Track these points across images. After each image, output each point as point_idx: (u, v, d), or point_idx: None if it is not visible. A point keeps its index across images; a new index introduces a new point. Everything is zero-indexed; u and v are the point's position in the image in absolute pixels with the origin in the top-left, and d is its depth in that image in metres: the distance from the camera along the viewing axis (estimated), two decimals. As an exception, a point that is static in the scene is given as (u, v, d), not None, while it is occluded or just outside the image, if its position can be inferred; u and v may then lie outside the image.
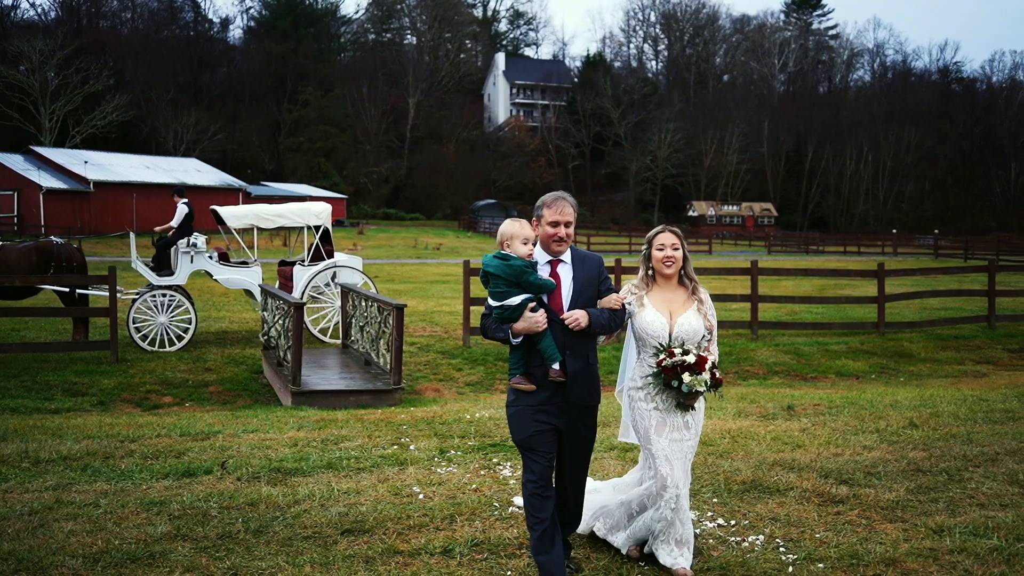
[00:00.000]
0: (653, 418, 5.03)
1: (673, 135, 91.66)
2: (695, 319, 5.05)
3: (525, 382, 4.83)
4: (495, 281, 4.81)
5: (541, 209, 4.95)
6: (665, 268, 5.10)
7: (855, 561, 5.18)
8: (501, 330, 4.82)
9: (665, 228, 5.22)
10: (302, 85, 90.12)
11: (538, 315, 4.73)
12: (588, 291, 4.92)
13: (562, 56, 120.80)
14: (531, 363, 4.84)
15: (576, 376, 4.84)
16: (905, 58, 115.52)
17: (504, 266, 4.77)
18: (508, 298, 4.76)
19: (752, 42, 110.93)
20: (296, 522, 5.86)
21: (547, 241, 4.91)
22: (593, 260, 5.05)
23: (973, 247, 53.85)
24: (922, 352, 16.89)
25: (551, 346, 4.75)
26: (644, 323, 5.03)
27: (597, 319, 4.84)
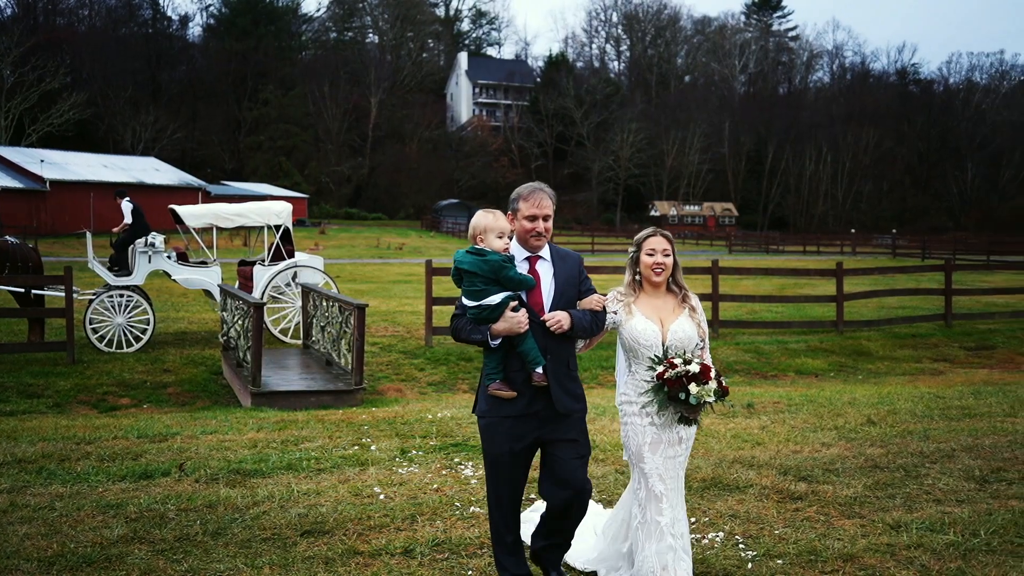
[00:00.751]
0: (648, 434, 4.63)
1: (635, 135, 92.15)
2: (688, 326, 4.69)
3: (505, 388, 4.45)
4: (470, 279, 4.44)
5: (517, 202, 4.60)
6: (654, 275, 4.71)
7: (813, 557, 5.22)
8: (477, 332, 4.45)
9: (656, 231, 4.80)
10: (263, 83, 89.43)
11: (520, 315, 4.39)
12: (569, 291, 4.59)
13: (525, 56, 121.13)
14: (510, 368, 4.48)
15: (559, 382, 4.50)
16: (864, 59, 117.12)
17: (480, 262, 4.41)
18: (485, 297, 4.41)
19: (713, 43, 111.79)
20: (255, 524, 5.80)
21: (524, 236, 4.55)
22: (573, 258, 4.73)
23: (930, 247, 54.64)
24: (880, 350, 17.09)
25: (534, 348, 4.41)
26: (635, 332, 4.63)
27: (580, 321, 4.50)
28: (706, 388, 4.36)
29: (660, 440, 4.62)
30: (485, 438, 4.61)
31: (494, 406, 4.50)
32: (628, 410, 4.72)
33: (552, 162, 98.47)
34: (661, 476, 4.62)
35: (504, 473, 4.55)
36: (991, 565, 5.11)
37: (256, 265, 17.07)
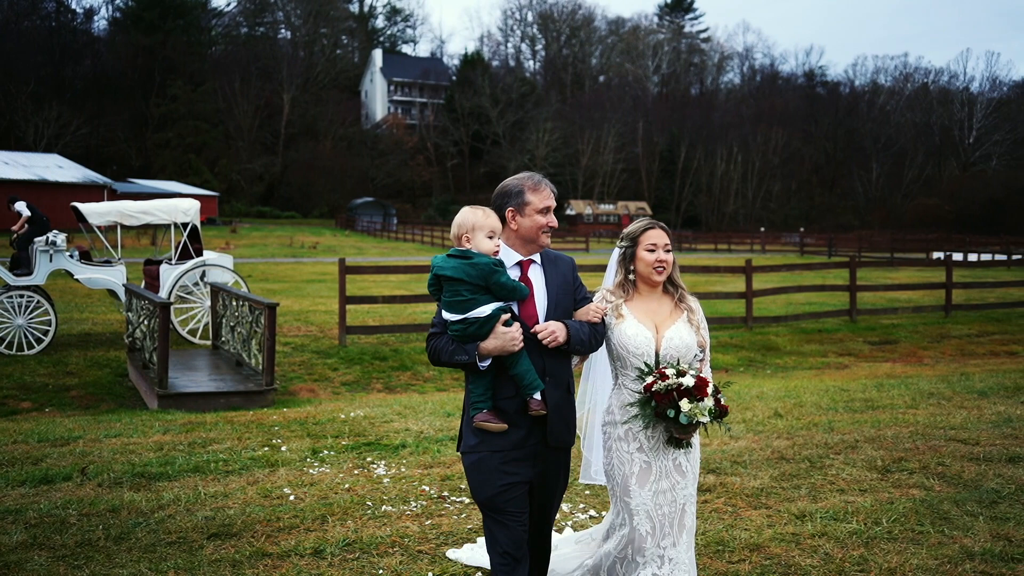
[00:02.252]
0: (635, 463, 4.02)
1: (551, 134, 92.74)
2: (687, 332, 4.11)
3: (494, 420, 3.82)
4: (452, 287, 3.80)
5: (522, 195, 4.01)
6: (656, 274, 4.13)
7: (721, 547, 5.31)
8: (462, 352, 3.80)
9: (655, 224, 4.21)
10: (171, 79, 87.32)
11: (514, 330, 3.78)
12: (564, 300, 4.02)
13: (440, 54, 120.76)
14: (501, 395, 3.87)
15: (557, 410, 3.92)
16: (773, 61, 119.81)
17: (466, 266, 3.78)
18: (472, 308, 3.76)
19: (627, 44, 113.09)
20: (160, 528, 5.66)
21: (535, 234, 4.00)
22: (565, 261, 4.16)
23: (836, 244, 56.24)
24: (788, 345, 17.50)
25: (531, 370, 3.80)
26: (624, 338, 4.05)
27: (577, 334, 3.91)
28: (700, 406, 3.78)
29: (650, 470, 4.02)
30: (474, 478, 3.93)
31: (483, 439, 3.88)
32: (613, 433, 4.12)
33: (468, 161, 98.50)
34: (649, 514, 4.00)
35: (498, 517, 3.90)
36: (892, 552, 5.26)
37: (163, 264, 16.68)
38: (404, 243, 61.15)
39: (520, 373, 3.79)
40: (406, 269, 20.99)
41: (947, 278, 21.65)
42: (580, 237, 64.52)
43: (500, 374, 3.87)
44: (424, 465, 7.22)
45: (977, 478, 6.67)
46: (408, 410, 9.85)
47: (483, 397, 3.86)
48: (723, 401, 3.89)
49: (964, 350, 18.11)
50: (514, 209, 4.01)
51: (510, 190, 4.05)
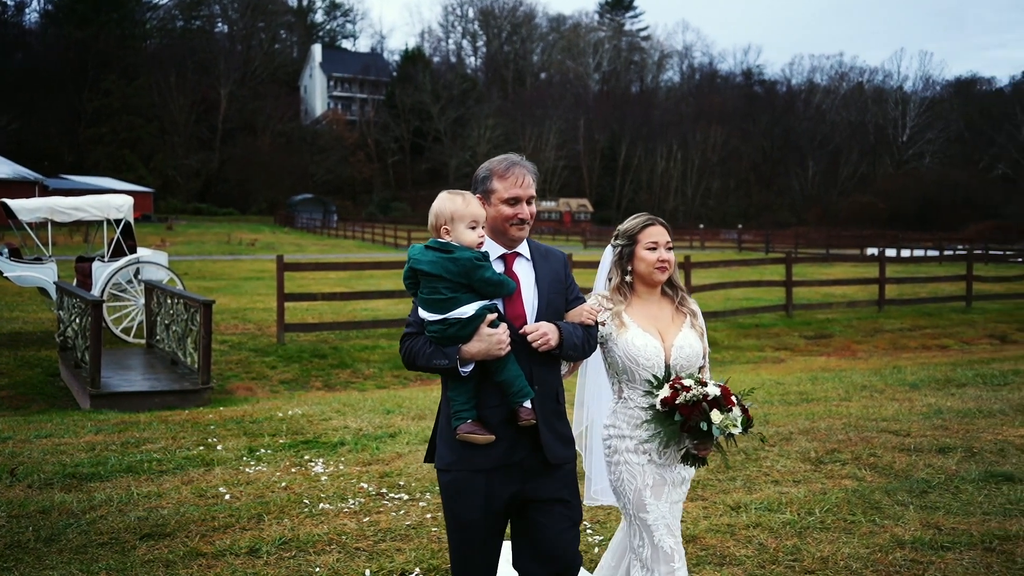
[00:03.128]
0: (648, 475, 3.69)
1: (492, 131, 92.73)
2: (693, 339, 3.80)
3: (480, 431, 3.41)
4: (430, 283, 3.41)
5: (488, 180, 3.61)
6: (659, 274, 3.80)
7: (658, 540, 5.36)
8: (441, 356, 3.39)
9: (654, 220, 3.88)
10: (105, 73, 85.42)
11: (500, 331, 3.38)
12: (555, 299, 3.61)
13: (380, 49, 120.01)
14: (485, 403, 3.45)
15: (548, 421, 3.52)
16: (712, 60, 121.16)
17: (446, 260, 3.37)
18: (454, 307, 3.37)
19: (568, 41, 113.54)
20: (91, 528, 5.55)
21: (502, 226, 3.57)
22: (557, 256, 3.76)
23: (773, 241, 57.16)
24: (725, 340, 17.72)
25: (520, 376, 3.43)
26: (631, 349, 3.69)
27: (570, 337, 3.51)
28: (731, 416, 3.47)
29: (664, 481, 3.71)
30: (450, 498, 3.53)
31: (463, 455, 3.45)
32: (620, 446, 3.75)
33: (409, 157, 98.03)
34: (669, 527, 3.70)
35: (476, 543, 3.52)
36: (824, 542, 5.35)
37: (95, 261, 16.35)
38: (345, 240, 60.70)
39: (508, 379, 3.41)
40: (346, 266, 20.86)
41: (880, 274, 22.12)
42: (522, 234, 64.68)
43: (483, 380, 3.45)
44: (363, 462, 7.17)
45: (908, 468, 6.82)
46: (347, 408, 9.79)
47: (466, 406, 3.44)
48: (749, 409, 3.58)
49: (896, 344, 18.52)
50: (481, 197, 3.61)
51: (478, 175, 3.69)
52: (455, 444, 3.45)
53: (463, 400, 3.44)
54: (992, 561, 5.02)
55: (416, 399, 10.30)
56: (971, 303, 23.31)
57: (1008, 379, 10.97)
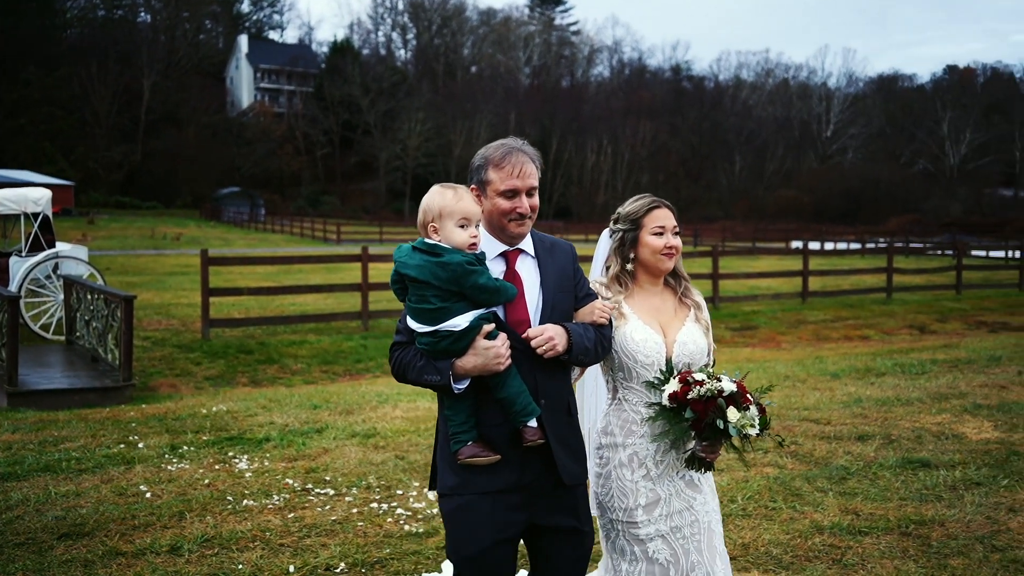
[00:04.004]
0: (640, 493, 3.34)
1: (423, 124, 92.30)
2: (698, 335, 3.48)
3: (484, 452, 3.02)
4: (419, 290, 3.01)
5: (484, 170, 3.22)
6: (666, 262, 3.49)
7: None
8: (432, 371, 3.01)
9: (660, 202, 3.56)
10: (23, 63, 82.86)
11: (499, 343, 2.98)
12: (563, 300, 3.22)
13: (309, 41, 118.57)
14: (486, 421, 3.07)
15: (560, 437, 3.14)
16: (641, 56, 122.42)
17: (435, 266, 2.98)
18: (445, 318, 2.98)
19: (498, 35, 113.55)
20: (7, 529, 5.40)
21: (500, 221, 3.18)
22: (564, 249, 3.36)
23: (701, 234, 57.97)
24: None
25: (524, 392, 3.03)
26: (630, 344, 3.36)
27: (580, 340, 3.12)
28: (748, 415, 3.12)
29: (658, 497, 3.36)
30: (455, 527, 3.12)
31: (467, 478, 3.06)
32: (613, 457, 3.39)
33: (339, 150, 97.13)
34: (666, 539, 3.35)
35: (493, 572, 3.13)
36: (746, 528, 5.45)
37: (12, 257, 15.89)
38: (273, 234, 59.92)
39: (509, 397, 3.01)
40: (274, 260, 20.61)
41: (804, 267, 22.57)
42: (453, 228, 64.54)
43: (483, 394, 3.06)
44: (288, 458, 7.09)
45: (827, 456, 6.97)
46: (273, 403, 9.66)
47: (465, 426, 3.05)
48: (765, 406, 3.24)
49: (819, 335, 18.92)
50: (476, 188, 3.24)
51: (474, 163, 3.28)
52: (458, 466, 3.06)
53: (461, 420, 3.05)
54: (908, 545, 5.16)
55: (344, 394, 10.22)
56: (891, 295, 23.92)
57: (926, 368, 11.27)
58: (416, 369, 3.05)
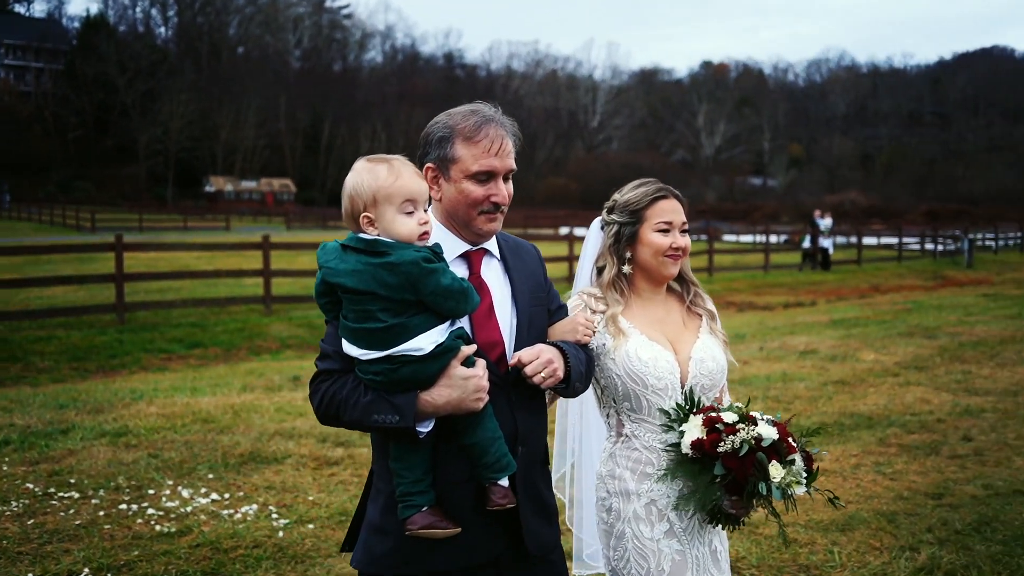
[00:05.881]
0: (664, 556, 2.66)
1: (186, 106, 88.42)
2: (716, 349, 2.85)
3: (442, 522, 2.28)
4: (359, 304, 2.25)
5: (449, 144, 2.49)
6: (670, 266, 2.83)
7: (345, 517, 5.40)
8: (387, 408, 2.24)
9: (667, 191, 2.88)
10: None
11: (478, 371, 2.29)
12: (539, 315, 2.56)
13: (59, 15, 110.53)
14: (446, 477, 2.35)
15: (533, 496, 2.49)
16: (414, 42, 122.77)
17: (378, 269, 2.24)
18: (404, 338, 2.23)
19: (266, 15, 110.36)
20: None
21: (466, 214, 2.46)
22: (531, 252, 2.70)
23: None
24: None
25: (499, 439, 2.34)
26: (637, 364, 2.70)
27: (577, 364, 2.49)
28: (794, 469, 2.46)
29: (685, 565, 2.68)
30: None
31: (411, 552, 2.35)
32: (624, 510, 2.73)
33: (93, 133, 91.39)
34: None
35: None
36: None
37: None
38: (20, 222, 55.70)
39: (481, 444, 2.31)
40: (19, 250, 19.21)
41: (569, 252, 23.43)
42: (220, 215, 62.24)
43: (441, 444, 2.35)
44: (30, 462, 6.63)
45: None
46: (15, 404, 8.99)
47: (420, 485, 2.30)
48: (812, 455, 2.59)
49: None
50: (435, 167, 2.51)
51: (432, 134, 2.56)
52: (400, 537, 2.33)
53: (415, 476, 2.30)
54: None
55: (94, 392, 9.65)
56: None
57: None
58: (359, 407, 2.25)
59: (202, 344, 13.97)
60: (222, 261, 24.64)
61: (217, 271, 18.55)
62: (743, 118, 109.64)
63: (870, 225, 58.87)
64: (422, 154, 2.55)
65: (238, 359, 13.16)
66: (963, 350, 11.79)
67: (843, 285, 25.70)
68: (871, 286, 25.58)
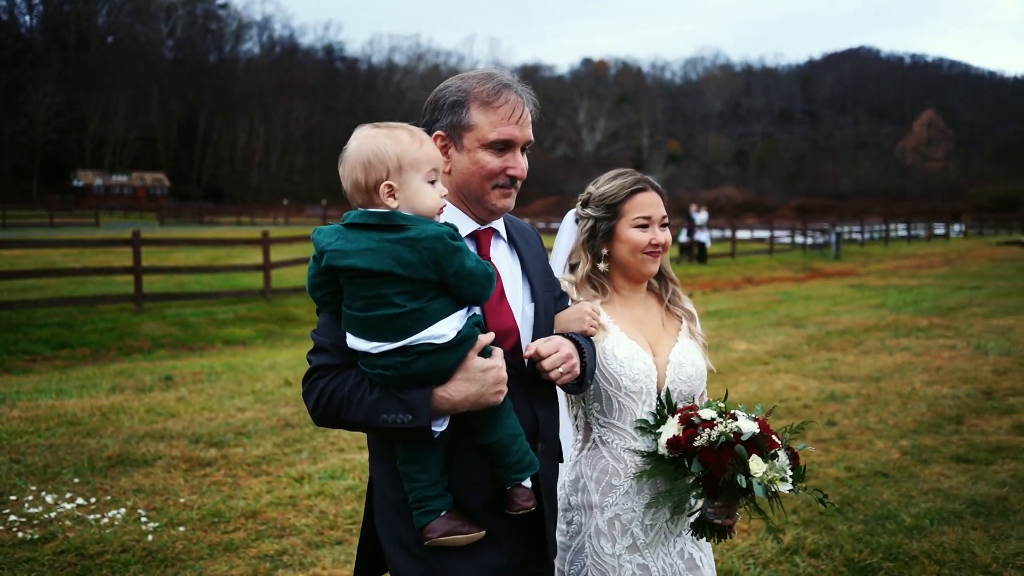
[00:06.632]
0: (625, 570, 2.55)
1: (52, 97, 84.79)
2: (695, 353, 2.73)
3: (466, 526, 2.11)
4: (370, 288, 2.00)
5: (465, 108, 2.25)
6: (649, 264, 2.69)
7: (217, 519, 5.27)
8: (398, 406, 2.01)
9: (645, 182, 2.72)
10: None
11: (496, 362, 2.08)
12: (548, 300, 2.39)
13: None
14: (461, 479, 2.15)
15: (550, 495, 2.34)
16: (292, 33, 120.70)
17: (398, 246, 1.99)
18: (423, 325, 2.00)
19: (137, 4, 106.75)
20: None
21: (480, 187, 2.26)
22: (534, 236, 2.53)
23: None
24: (306, 316, 17.76)
25: (520, 436, 2.16)
26: (613, 363, 2.56)
27: (590, 361, 2.38)
28: (777, 464, 2.35)
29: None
30: None
31: (433, 565, 2.16)
32: (587, 524, 2.60)
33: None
34: None
35: None
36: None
37: None
38: None
39: (502, 443, 2.12)
40: None
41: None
42: (89, 210, 59.93)
43: (457, 445, 2.15)
44: None
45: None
46: None
47: (436, 488, 2.11)
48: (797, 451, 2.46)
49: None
50: (446, 134, 2.27)
51: (444, 97, 2.29)
52: (418, 549, 2.15)
53: (431, 478, 2.10)
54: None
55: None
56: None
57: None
58: (364, 406, 2.02)
59: (69, 344, 13.44)
60: (90, 258, 23.74)
61: (85, 268, 17.86)
62: (623, 115, 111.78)
63: (744, 219, 60.79)
64: (429, 121, 2.29)
65: (108, 359, 12.70)
66: (829, 339, 12.29)
67: (718, 277, 26.45)
68: (744, 278, 26.40)
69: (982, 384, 9.11)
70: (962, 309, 15.90)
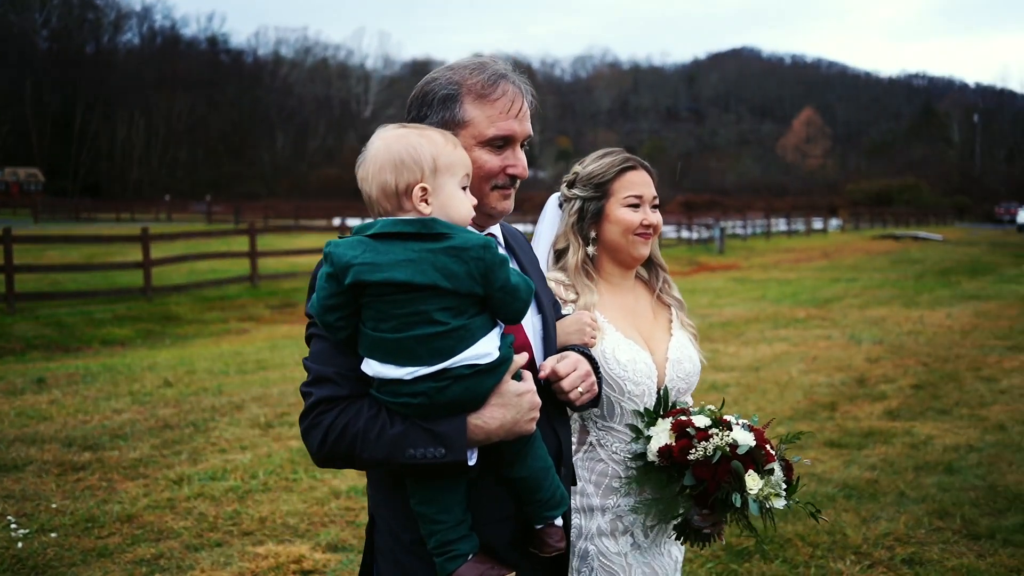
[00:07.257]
0: (633, 570, 2.46)
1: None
2: (690, 348, 2.64)
3: (497, 569, 1.88)
4: (405, 306, 1.77)
5: (458, 102, 2.05)
6: (640, 246, 2.56)
7: (91, 524, 5.13)
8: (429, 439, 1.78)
9: (635, 161, 2.61)
10: None
11: (528, 387, 1.89)
12: (551, 309, 2.22)
13: None
14: (487, 516, 1.93)
15: (568, 525, 2.12)
16: (174, 24, 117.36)
17: (443, 256, 1.77)
18: (464, 345, 1.78)
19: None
20: None
21: (478, 188, 2.02)
22: (523, 239, 2.35)
23: (244, 212, 57.03)
24: (189, 314, 17.34)
25: (551, 469, 1.97)
26: (615, 367, 2.42)
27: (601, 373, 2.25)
28: (772, 480, 2.24)
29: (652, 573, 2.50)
30: None
31: None
32: (588, 527, 2.47)
33: None
34: None
35: None
36: (265, 502, 5.52)
37: None
38: None
39: (535, 475, 1.92)
40: None
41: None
42: (-41, 206, 57.25)
43: (480, 480, 1.91)
44: None
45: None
46: None
47: (461, 529, 1.87)
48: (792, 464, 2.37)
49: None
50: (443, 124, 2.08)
51: (434, 91, 2.10)
52: None
53: (455, 518, 1.86)
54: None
55: None
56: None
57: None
58: (385, 441, 1.78)
59: (-66, 347, 12.83)
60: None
61: (-48, 267, 17.02)
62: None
63: (632, 215, 61.75)
64: (416, 117, 2.08)
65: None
66: (712, 330, 12.63)
67: (607, 272, 26.87)
68: (632, 273, 26.87)
69: (855, 372, 9.51)
70: (838, 300, 16.55)
